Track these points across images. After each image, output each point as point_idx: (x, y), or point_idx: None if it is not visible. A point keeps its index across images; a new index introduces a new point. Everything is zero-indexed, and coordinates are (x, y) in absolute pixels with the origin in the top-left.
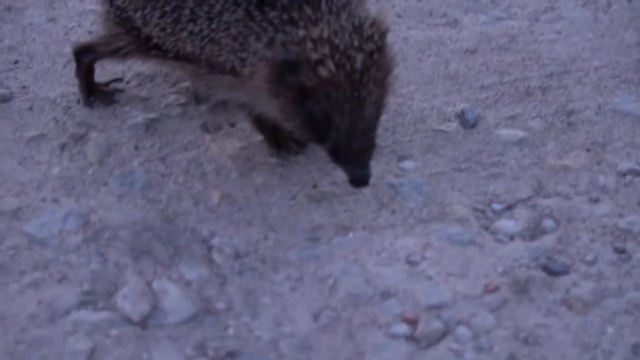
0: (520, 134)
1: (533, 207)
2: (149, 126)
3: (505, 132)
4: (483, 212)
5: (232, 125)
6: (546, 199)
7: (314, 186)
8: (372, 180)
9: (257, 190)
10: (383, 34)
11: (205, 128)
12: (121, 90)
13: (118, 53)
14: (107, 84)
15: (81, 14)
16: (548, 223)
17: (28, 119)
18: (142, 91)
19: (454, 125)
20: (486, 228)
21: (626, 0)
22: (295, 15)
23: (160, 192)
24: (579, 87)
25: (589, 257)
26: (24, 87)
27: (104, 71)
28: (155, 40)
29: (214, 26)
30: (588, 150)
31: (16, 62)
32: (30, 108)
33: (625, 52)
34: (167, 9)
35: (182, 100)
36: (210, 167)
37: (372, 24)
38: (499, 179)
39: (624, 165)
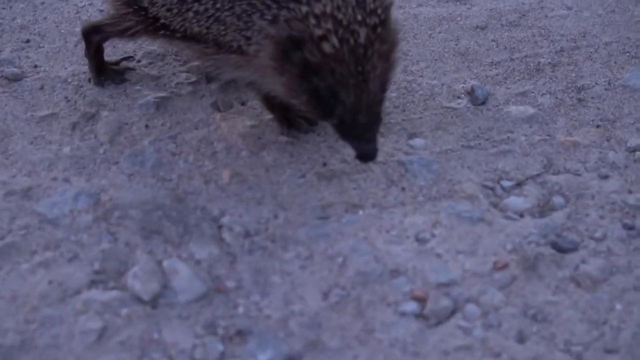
0: (530, 110)
1: (542, 184)
2: (160, 105)
3: (514, 109)
4: (492, 189)
5: (243, 103)
6: (556, 176)
7: (324, 164)
8: (381, 158)
9: (267, 169)
10: (387, 8)
11: (215, 107)
12: (132, 69)
13: (126, 33)
14: (118, 62)
15: None
16: (557, 200)
17: (39, 98)
18: (153, 70)
19: (463, 102)
20: (495, 205)
21: None
22: None
23: (170, 171)
24: (589, 63)
25: (598, 234)
26: (35, 67)
27: (115, 50)
28: (162, 21)
29: (218, 5)
30: (598, 126)
31: (27, 41)
32: (42, 87)
33: (635, 28)
34: None
35: (193, 78)
36: (221, 145)
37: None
38: (509, 156)
39: (634, 141)
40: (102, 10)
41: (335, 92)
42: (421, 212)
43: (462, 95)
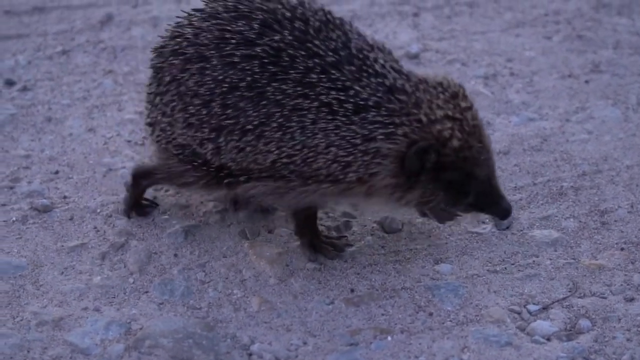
0: (555, 234)
1: (568, 308)
2: (188, 233)
3: (539, 233)
4: (519, 313)
5: (270, 231)
6: (582, 299)
7: (352, 290)
8: (408, 284)
9: (296, 296)
10: (461, 87)
11: (243, 234)
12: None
13: (183, 188)
14: (148, 200)
15: (119, 123)
16: (584, 323)
17: (69, 228)
18: (181, 199)
19: (488, 227)
20: (522, 329)
21: None
22: (395, 106)
23: (200, 299)
24: (612, 187)
25: (626, 357)
26: (64, 197)
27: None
28: (230, 165)
29: (307, 136)
30: (622, 249)
31: (57, 172)
32: (71, 218)
33: None
34: (249, 127)
35: (220, 207)
36: (249, 273)
37: (448, 84)
38: (534, 279)
39: None
40: (129, 141)
41: (470, 174)
42: (449, 337)
43: (487, 220)
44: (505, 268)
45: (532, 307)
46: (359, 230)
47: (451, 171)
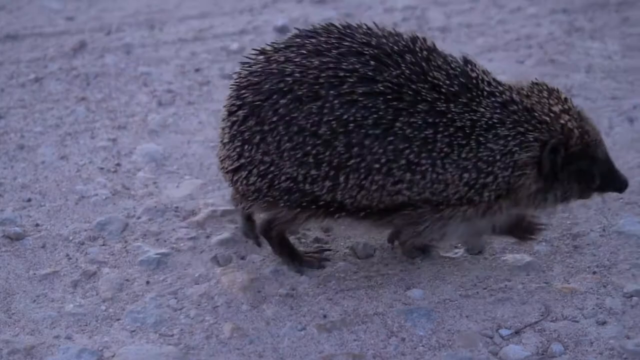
0: (526, 258)
1: (541, 332)
2: (161, 261)
3: (511, 257)
4: (491, 337)
5: (242, 258)
6: (554, 323)
7: (324, 316)
8: (380, 309)
9: (268, 322)
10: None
11: (215, 261)
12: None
13: (306, 225)
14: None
15: (92, 150)
16: (556, 347)
17: (41, 256)
18: (153, 226)
19: (460, 251)
20: (495, 353)
21: (628, 122)
22: (515, 117)
23: (172, 326)
24: (584, 210)
25: None
26: (36, 225)
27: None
28: (346, 202)
29: (439, 166)
30: (594, 272)
31: (29, 200)
32: (43, 246)
33: (628, 174)
34: (376, 165)
35: (193, 234)
36: (222, 299)
37: (541, 84)
38: (507, 303)
39: (630, 286)
40: (102, 169)
41: (593, 157)
42: None
43: (459, 244)
44: (478, 292)
45: (504, 332)
46: (331, 256)
47: (579, 160)
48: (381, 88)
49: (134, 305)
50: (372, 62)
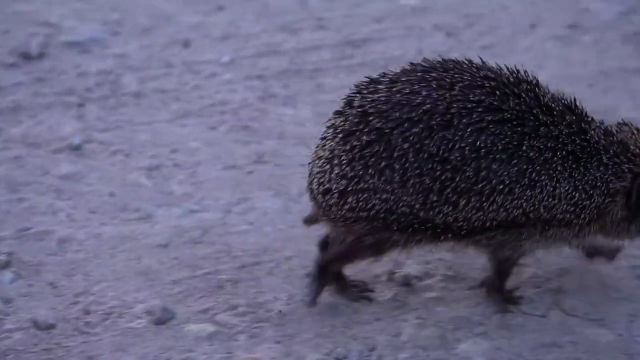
0: (210, 328)
1: None
2: None
3: (195, 327)
4: None
5: None
6: None
7: None
8: None
9: None
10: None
11: None
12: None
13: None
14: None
15: None
16: None
17: None
18: None
19: (144, 322)
20: None
21: None
22: (615, 147)
23: None
24: (271, 278)
25: None
26: None
27: None
28: (460, 225)
29: (555, 187)
30: (278, 342)
31: None
32: None
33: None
34: (500, 187)
35: None
36: None
37: (630, 123)
38: None
39: (313, 356)
40: None
41: None
42: None
43: (144, 315)
44: None
45: None
46: None
47: None
48: (507, 116)
49: None
50: (497, 93)
